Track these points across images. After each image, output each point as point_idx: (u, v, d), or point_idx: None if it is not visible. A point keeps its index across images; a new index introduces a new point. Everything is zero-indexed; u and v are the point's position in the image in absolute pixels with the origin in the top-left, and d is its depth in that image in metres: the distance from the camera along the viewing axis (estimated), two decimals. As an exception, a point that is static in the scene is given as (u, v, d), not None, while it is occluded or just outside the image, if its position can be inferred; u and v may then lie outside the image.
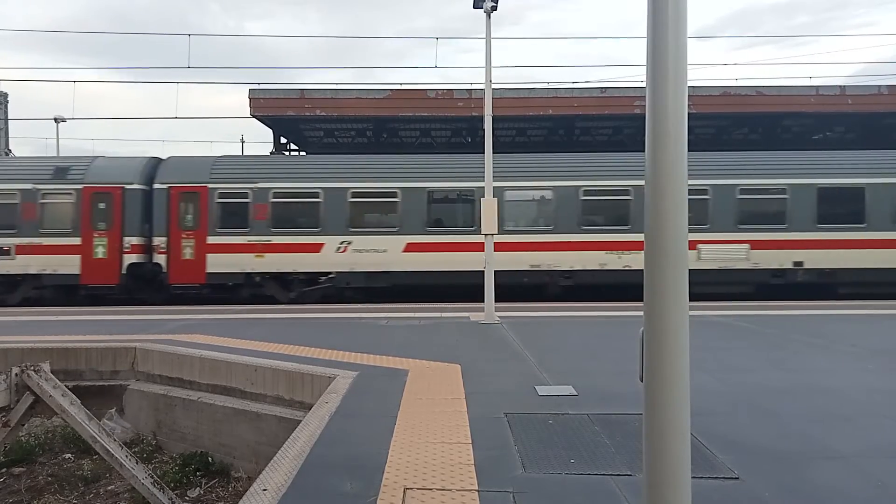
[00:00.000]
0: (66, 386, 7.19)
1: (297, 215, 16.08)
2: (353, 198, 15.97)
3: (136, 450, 7.85)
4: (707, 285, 15.38)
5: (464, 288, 15.40)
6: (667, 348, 2.29)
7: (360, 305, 13.87)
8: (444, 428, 5.08)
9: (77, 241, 15.75)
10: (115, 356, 8.88)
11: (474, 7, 11.28)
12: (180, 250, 15.84)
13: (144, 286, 16.28)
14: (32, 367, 6.84)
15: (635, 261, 15.55)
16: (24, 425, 7.35)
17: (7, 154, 27.39)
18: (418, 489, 3.88)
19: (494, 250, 11.44)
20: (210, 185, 15.99)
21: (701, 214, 15.66)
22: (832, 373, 7.12)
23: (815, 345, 8.90)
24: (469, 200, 15.97)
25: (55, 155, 30.58)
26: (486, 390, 6.29)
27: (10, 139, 29.26)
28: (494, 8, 11.24)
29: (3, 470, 7.96)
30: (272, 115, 23.07)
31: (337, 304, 14.83)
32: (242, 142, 39.77)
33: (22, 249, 15.68)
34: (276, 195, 15.96)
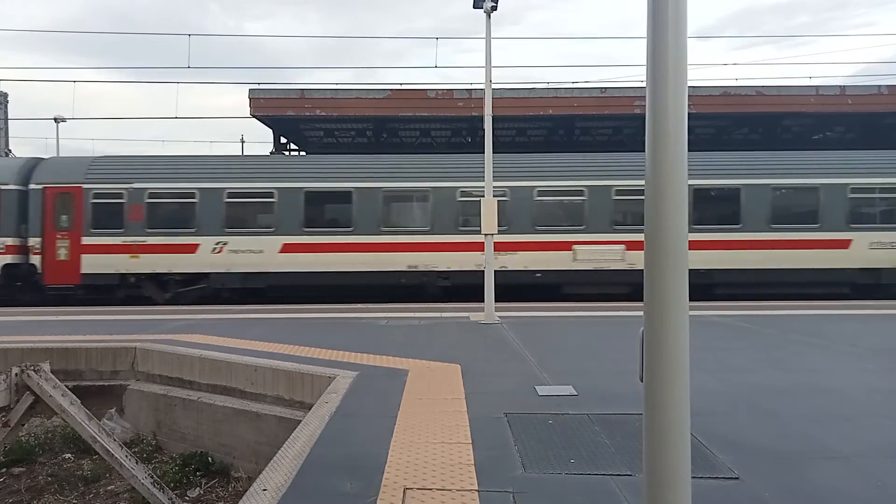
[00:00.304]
0: (66, 386, 7.19)
1: (172, 216, 15.97)
2: (229, 198, 15.87)
3: (136, 450, 7.85)
4: (582, 286, 15.65)
5: (342, 289, 15.54)
6: (667, 348, 2.29)
7: (360, 305, 13.87)
8: (444, 428, 5.08)
9: None
10: (115, 356, 8.88)
11: (474, 7, 11.28)
12: (55, 251, 15.76)
13: (21, 287, 16.15)
14: (32, 367, 6.84)
15: (511, 261, 15.63)
16: (24, 425, 7.35)
17: (7, 154, 27.37)
18: (418, 489, 3.88)
19: (370, 251, 11.35)
20: (85, 186, 15.91)
21: (577, 216, 15.82)
22: (832, 373, 7.12)
23: (814, 345, 8.90)
24: (347, 201, 15.89)
25: (55, 155, 30.58)
26: (486, 390, 6.29)
27: (10, 139, 29.26)
28: (494, 8, 11.24)
29: (3, 470, 7.96)
30: (272, 115, 23.09)
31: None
32: (242, 141, 39.82)
33: None
34: (152, 195, 15.88)
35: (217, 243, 15.73)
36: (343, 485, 3.96)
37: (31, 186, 16.04)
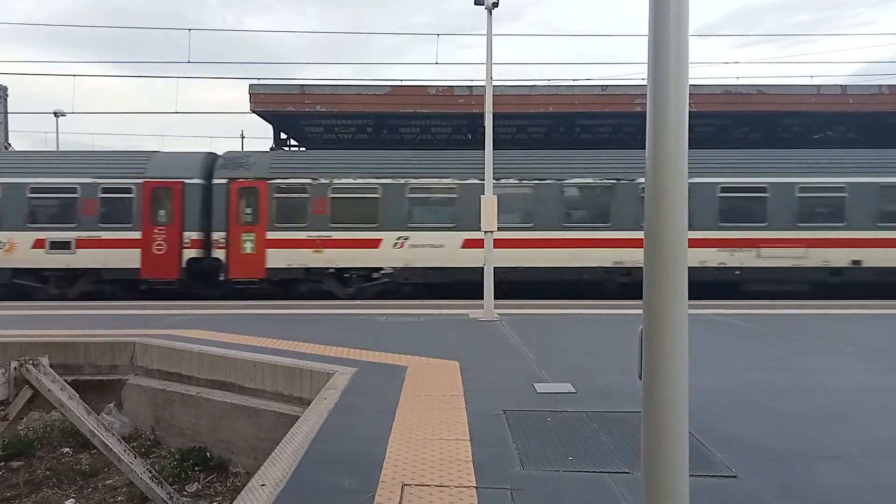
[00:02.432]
0: (65, 380, 7.19)
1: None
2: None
3: (135, 444, 7.86)
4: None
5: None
6: (666, 346, 2.28)
7: (359, 302, 13.88)
8: (442, 424, 5.08)
9: None
10: (113, 351, 8.88)
11: (475, 3, 11.24)
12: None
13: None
14: (31, 361, 6.84)
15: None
16: (22, 419, 7.35)
17: (6, 148, 27.33)
18: (416, 485, 3.88)
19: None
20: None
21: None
22: (832, 372, 7.12)
23: (814, 344, 8.91)
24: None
25: (55, 150, 30.58)
26: (484, 387, 6.29)
27: (9, 133, 29.20)
28: (496, 4, 11.21)
29: (2, 464, 7.96)
30: (272, 110, 23.04)
31: (337, 301, 14.84)
32: (242, 137, 39.79)
33: None
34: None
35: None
36: (341, 480, 3.96)
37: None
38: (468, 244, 15.48)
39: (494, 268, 11.22)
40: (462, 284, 15.51)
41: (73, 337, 9.09)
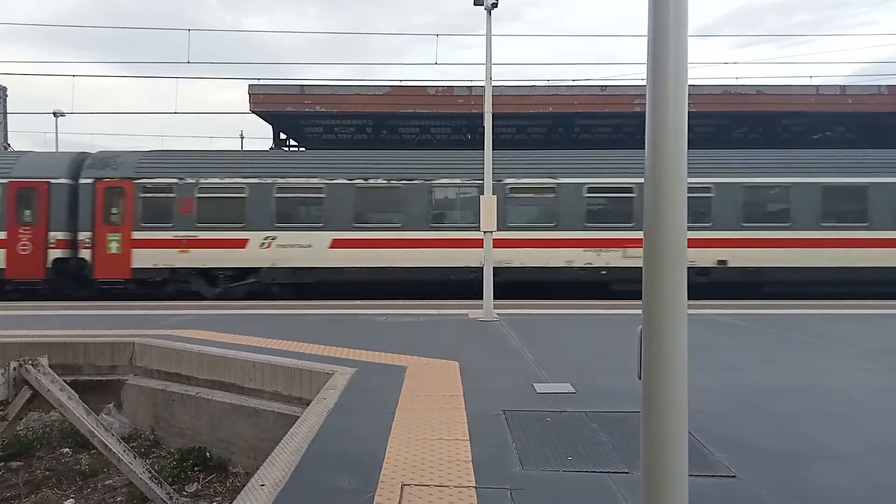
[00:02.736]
0: (65, 380, 7.18)
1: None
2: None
3: (134, 444, 7.85)
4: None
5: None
6: (665, 346, 2.28)
7: (359, 302, 13.87)
8: (442, 425, 5.08)
9: None
10: (113, 351, 8.87)
11: (475, 4, 11.24)
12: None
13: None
14: (30, 362, 6.83)
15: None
16: (21, 419, 7.34)
17: (6, 148, 27.32)
18: (416, 485, 3.88)
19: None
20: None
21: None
22: (831, 372, 7.12)
23: (814, 344, 8.91)
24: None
25: (54, 150, 30.57)
26: (484, 387, 6.29)
27: (9, 133, 29.19)
28: (495, 5, 11.20)
29: (1, 464, 7.95)
30: (272, 110, 23.05)
31: (335, 300, 14.82)
32: (242, 137, 39.78)
33: None
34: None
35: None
36: (341, 481, 3.96)
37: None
38: (336, 244, 15.60)
39: (358, 268, 11.01)
40: (330, 285, 15.66)
41: (72, 337, 9.09)
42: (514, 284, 15.35)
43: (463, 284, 15.52)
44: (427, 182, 15.86)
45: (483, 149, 11.72)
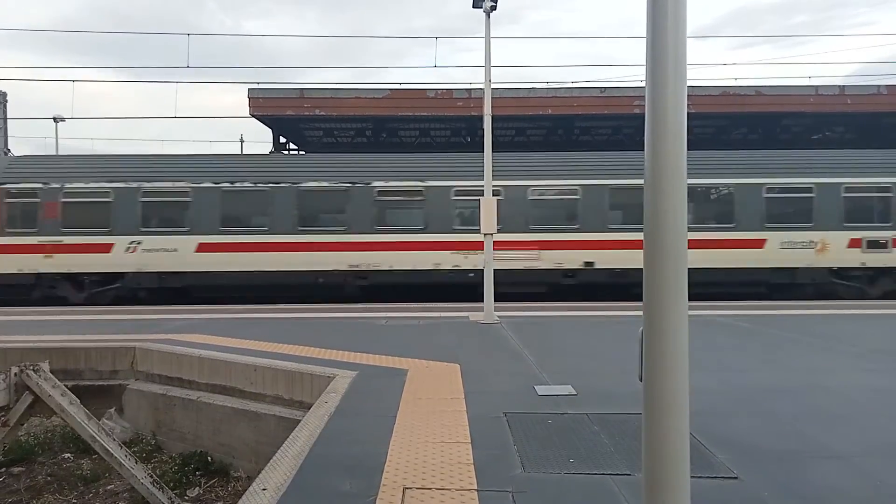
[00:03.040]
0: (66, 385, 7.18)
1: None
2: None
3: (136, 449, 7.85)
4: None
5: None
6: (666, 348, 2.29)
7: (359, 305, 13.86)
8: (443, 427, 5.08)
9: None
10: (114, 356, 8.87)
11: (473, 7, 11.26)
12: None
13: None
14: (32, 367, 6.83)
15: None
16: (23, 425, 7.34)
17: (6, 153, 27.34)
18: (417, 489, 3.88)
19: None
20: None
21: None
22: (832, 373, 7.12)
23: (814, 345, 8.90)
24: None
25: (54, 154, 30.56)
26: (485, 390, 6.29)
27: (9, 139, 29.22)
28: (494, 7, 11.23)
29: (3, 469, 7.95)
30: (271, 114, 23.10)
31: (339, 304, 14.83)
32: (242, 141, 39.80)
33: None
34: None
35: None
36: (342, 484, 3.96)
37: None
38: (202, 248, 15.54)
39: (225, 272, 10.83)
40: (198, 289, 15.59)
41: (73, 342, 9.09)
42: (386, 287, 15.51)
43: (334, 289, 15.60)
44: (294, 185, 15.82)
45: (482, 150, 11.74)
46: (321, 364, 7.34)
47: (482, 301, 11.38)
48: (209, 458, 7.51)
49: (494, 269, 11.38)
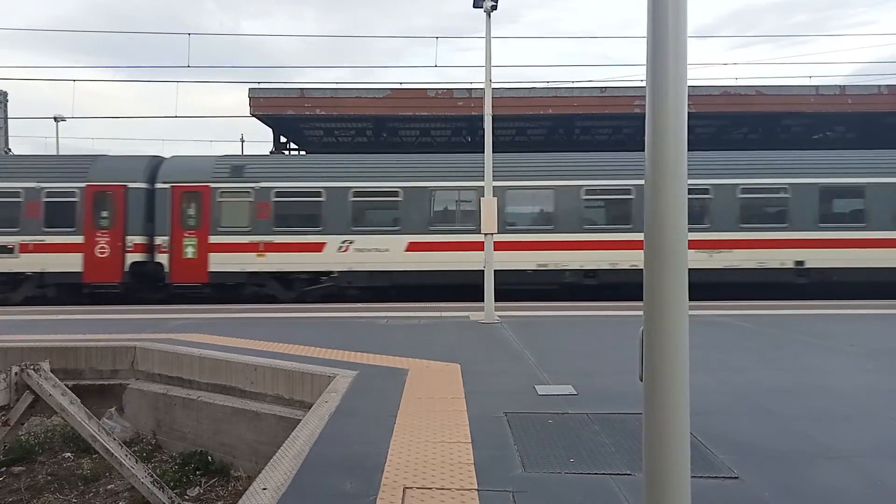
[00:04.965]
0: (66, 385, 7.19)
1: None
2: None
3: (136, 449, 7.85)
4: None
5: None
6: (667, 348, 2.28)
7: (360, 305, 13.87)
8: (443, 427, 5.08)
9: None
10: (114, 355, 8.87)
11: (474, 6, 11.26)
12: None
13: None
14: (32, 366, 6.84)
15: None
16: (23, 424, 7.34)
17: (6, 153, 27.36)
18: (418, 488, 3.88)
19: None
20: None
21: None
22: (832, 373, 7.12)
23: (814, 345, 8.90)
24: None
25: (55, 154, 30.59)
26: (485, 390, 6.29)
27: (9, 138, 29.24)
28: (494, 7, 11.23)
29: (3, 469, 7.96)
30: (272, 114, 23.08)
31: (339, 303, 14.84)
32: (242, 141, 39.79)
33: None
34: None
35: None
36: (343, 484, 3.96)
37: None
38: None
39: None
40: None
41: (73, 342, 9.09)
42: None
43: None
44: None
45: (483, 151, 11.73)
46: (321, 364, 7.34)
47: (482, 301, 11.36)
48: (209, 458, 7.51)
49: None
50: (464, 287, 15.38)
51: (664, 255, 2.28)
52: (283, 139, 26.46)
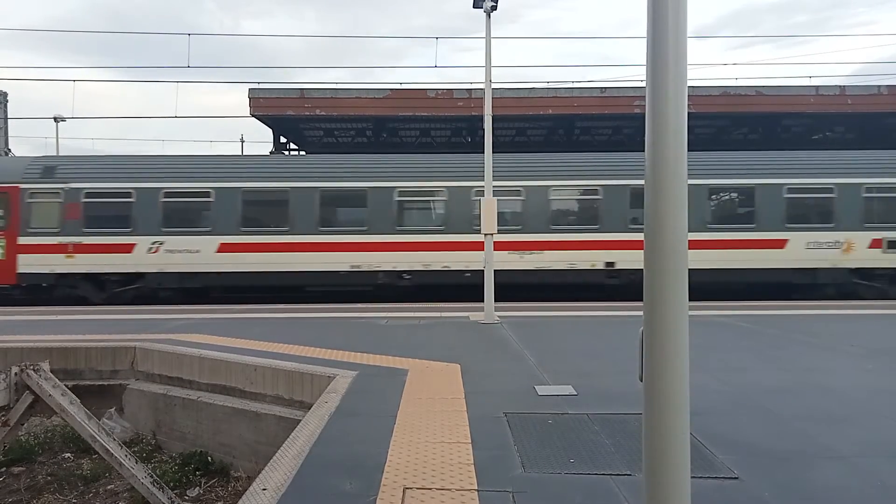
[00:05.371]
0: (66, 385, 7.19)
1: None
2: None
3: (136, 449, 7.85)
4: None
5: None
6: (666, 348, 2.28)
7: (360, 305, 13.87)
8: (443, 427, 5.08)
9: None
10: (114, 355, 8.87)
11: (474, 7, 11.26)
12: None
13: None
14: (32, 367, 6.83)
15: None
16: (23, 424, 7.34)
17: (7, 153, 27.36)
18: (418, 489, 3.88)
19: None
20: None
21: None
22: (832, 373, 7.12)
23: (814, 345, 8.90)
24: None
25: (55, 154, 30.59)
26: (485, 390, 6.29)
27: (9, 139, 29.24)
28: (494, 7, 11.23)
29: (3, 469, 7.96)
30: (272, 114, 23.09)
31: (340, 303, 14.84)
32: (242, 141, 39.81)
33: None
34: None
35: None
36: (343, 484, 3.96)
37: None
38: None
39: None
40: None
41: (73, 342, 9.08)
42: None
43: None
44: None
45: (483, 151, 11.73)
46: (321, 364, 7.34)
47: (482, 301, 11.37)
48: (209, 458, 7.51)
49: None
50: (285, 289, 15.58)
51: (664, 255, 2.28)
52: (283, 139, 26.47)
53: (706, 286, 15.28)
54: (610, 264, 15.65)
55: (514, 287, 14.80)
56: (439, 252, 15.65)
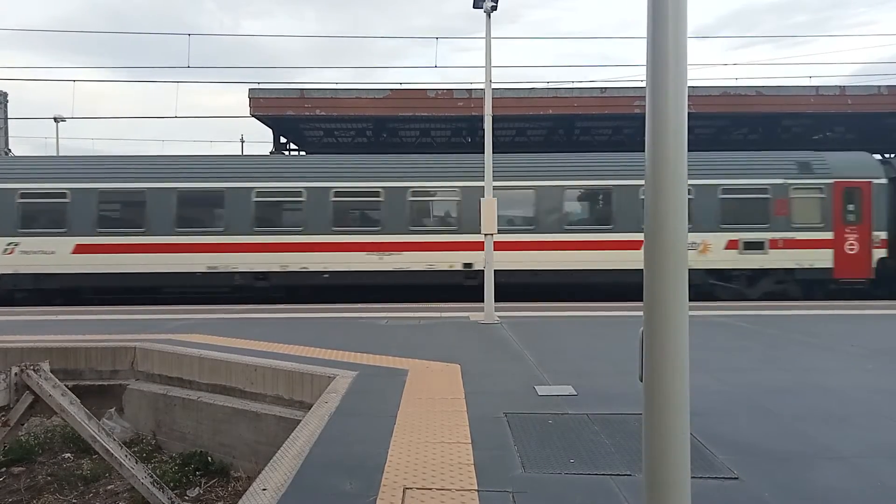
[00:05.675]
0: (66, 385, 7.18)
1: None
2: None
3: (136, 449, 7.85)
4: None
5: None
6: (666, 348, 2.29)
7: (360, 305, 13.86)
8: (443, 428, 5.08)
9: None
10: (114, 356, 8.87)
11: (474, 7, 11.26)
12: None
13: None
14: (32, 367, 6.83)
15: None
16: (23, 425, 7.34)
17: (6, 153, 27.34)
18: (418, 489, 3.88)
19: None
20: None
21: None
22: (832, 373, 7.12)
23: (814, 345, 8.90)
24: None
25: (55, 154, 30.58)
26: (485, 390, 6.29)
27: (9, 139, 29.23)
28: (494, 8, 11.23)
29: (3, 469, 7.95)
30: (272, 114, 23.07)
31: (338, 304, 14.83)
32: (242, 141, 39.80)
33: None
34: None
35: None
36: (343, 484, 3.96)
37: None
38: None
39: None
40: None
41: (73, 342, 9.09)
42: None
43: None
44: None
45: (483, 151, 11.73)
46: (321, 364, 7.34)
47: (482, 301, 11.37)
48: (209, 458, 7.51)
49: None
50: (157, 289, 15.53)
51: (664, 255, 2.28)
52: (283, 140, 26.47)
53: (562, 287, 15.55)
54: (468, 265, 15.64)
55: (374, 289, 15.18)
56: (298, 253, 15.64)
